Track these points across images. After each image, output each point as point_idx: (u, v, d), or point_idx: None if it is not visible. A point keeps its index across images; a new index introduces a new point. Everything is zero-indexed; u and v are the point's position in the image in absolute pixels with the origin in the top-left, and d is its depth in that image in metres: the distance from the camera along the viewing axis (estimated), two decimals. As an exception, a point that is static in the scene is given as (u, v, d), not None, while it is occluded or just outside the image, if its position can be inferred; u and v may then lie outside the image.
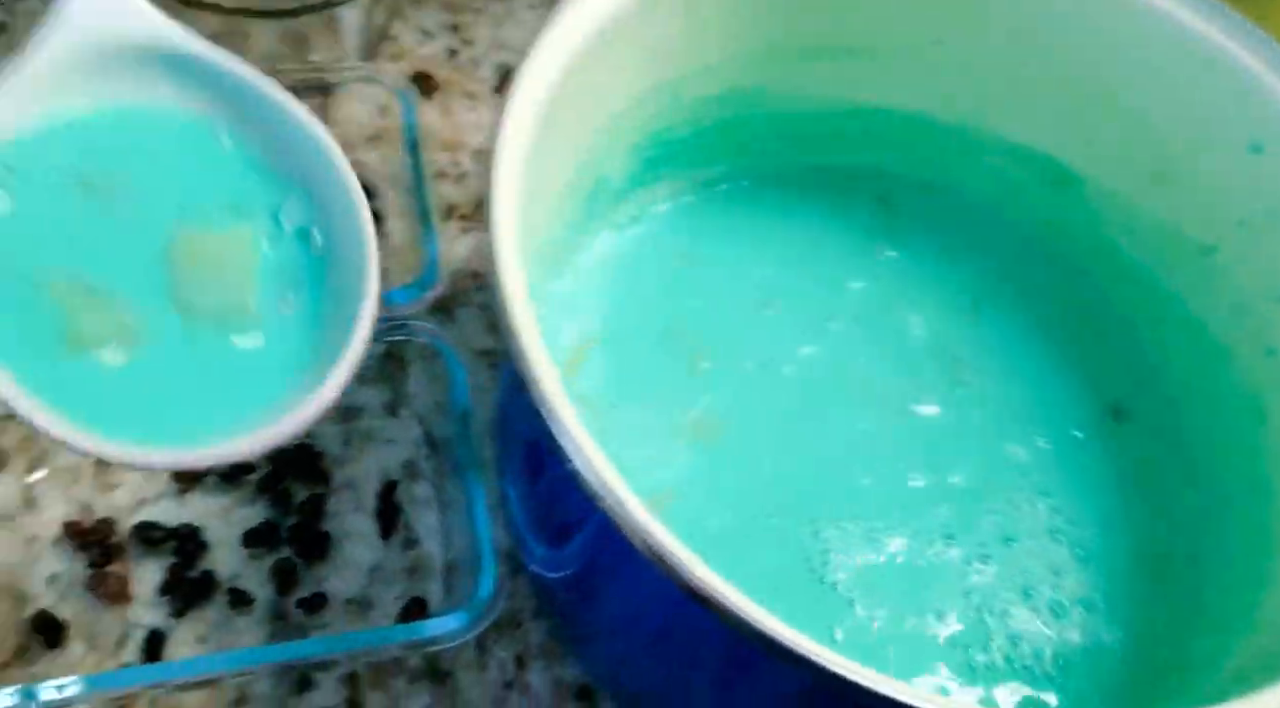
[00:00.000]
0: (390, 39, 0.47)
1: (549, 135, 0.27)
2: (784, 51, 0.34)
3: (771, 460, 0.31)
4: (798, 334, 0.35)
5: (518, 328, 0.22)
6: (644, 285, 0.35)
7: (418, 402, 0.39)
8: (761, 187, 0.38)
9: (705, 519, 0.31)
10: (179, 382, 0.23)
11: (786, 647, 0.19)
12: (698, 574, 0.20)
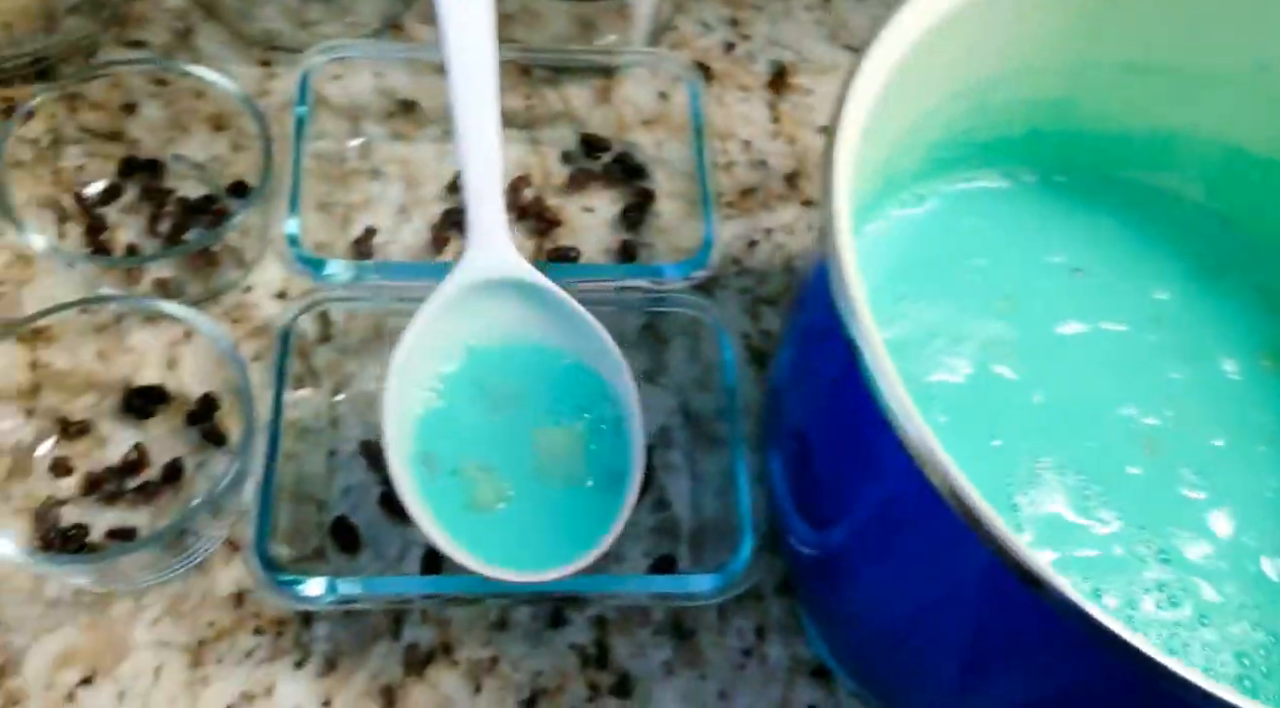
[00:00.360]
0: (672, 29, 0.49)
1: (873, 125, 0.28)
2: (1102, 64, 0.33)
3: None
4: (1098, 309, 0.34)
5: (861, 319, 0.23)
6: (928, 253, 0.35)
7: (676, 374, 0.40)
8: (1050, 193, 0.38)
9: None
10: (534, 529, 0.33)
11: (1135, 647, 0.19)
12: (1028, 555, 0.20)
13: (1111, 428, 0.33)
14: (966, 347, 0.33)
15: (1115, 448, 0.32)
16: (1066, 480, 0.31)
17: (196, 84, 0.42)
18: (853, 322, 0.24)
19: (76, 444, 0.36)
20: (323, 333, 0.38)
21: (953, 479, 0.22)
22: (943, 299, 0.34)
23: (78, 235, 0.40)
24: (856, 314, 0.23)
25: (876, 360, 0.23)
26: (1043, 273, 0.35)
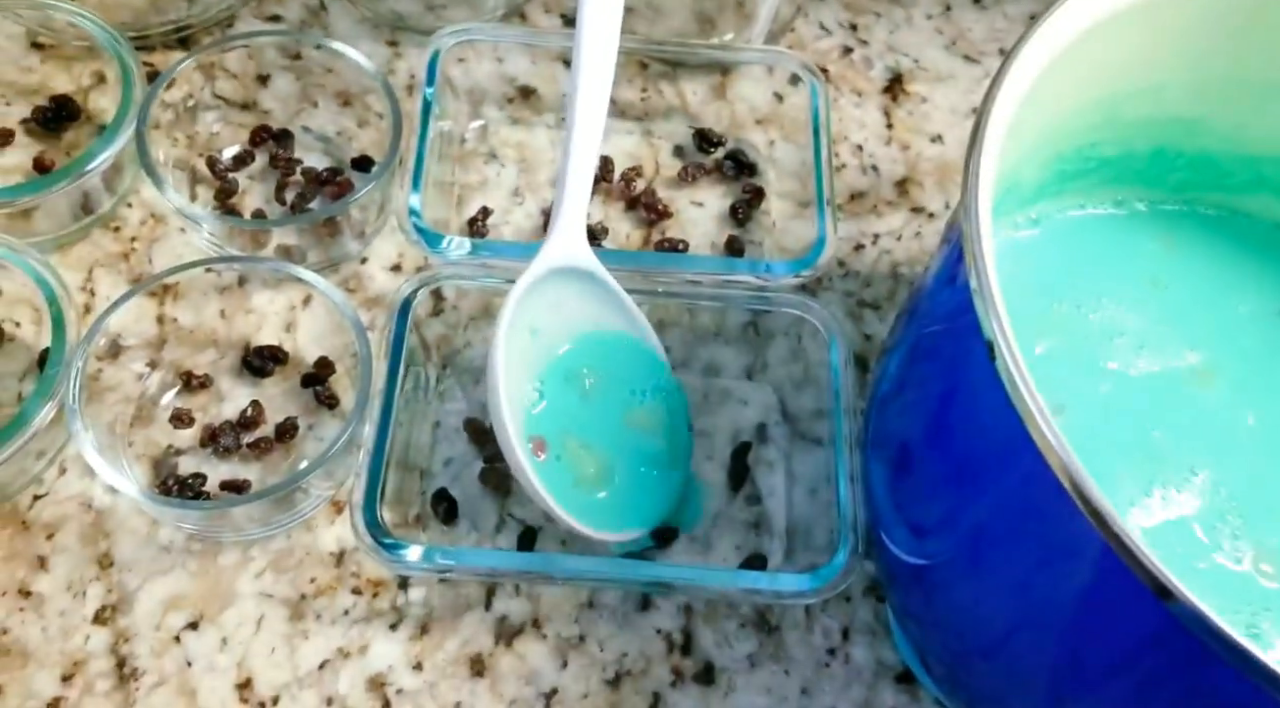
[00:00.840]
0: (790, 31, 0.50)
1: (1011, 134, 0.28)
2: (1241, 82, 0.33)
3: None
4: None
5: (1000, 317, 0.23)
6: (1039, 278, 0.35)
7: (775, 372, 0.40)
8: (1166, 217, 0.37)
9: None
10: (630, 501, 0.36)
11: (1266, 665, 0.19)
12: (1159, 567, 0.20)
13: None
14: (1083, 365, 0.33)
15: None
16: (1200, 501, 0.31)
17: (327, 60, 0.43)
18: (991, 320, 0.24)
19: (197, 397, 0.38)
20: (434, 307, 0.39)
21: (1082, 481, 0.22)
22: (1069, 319, 0.34)
23: (208, 198, 0.42)
24: (997, 312, 0.23)
25: (1013, 358, 0.23)
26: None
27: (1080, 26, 0.28)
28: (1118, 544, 0.21)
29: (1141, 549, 0.21)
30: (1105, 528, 0.21)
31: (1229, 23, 0.32)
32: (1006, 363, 0.23)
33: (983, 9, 0.51)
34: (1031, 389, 0.22)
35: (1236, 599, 0.30)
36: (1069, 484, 0.22)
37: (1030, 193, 0.35)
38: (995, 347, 0.23)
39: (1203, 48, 0.32)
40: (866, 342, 0.42)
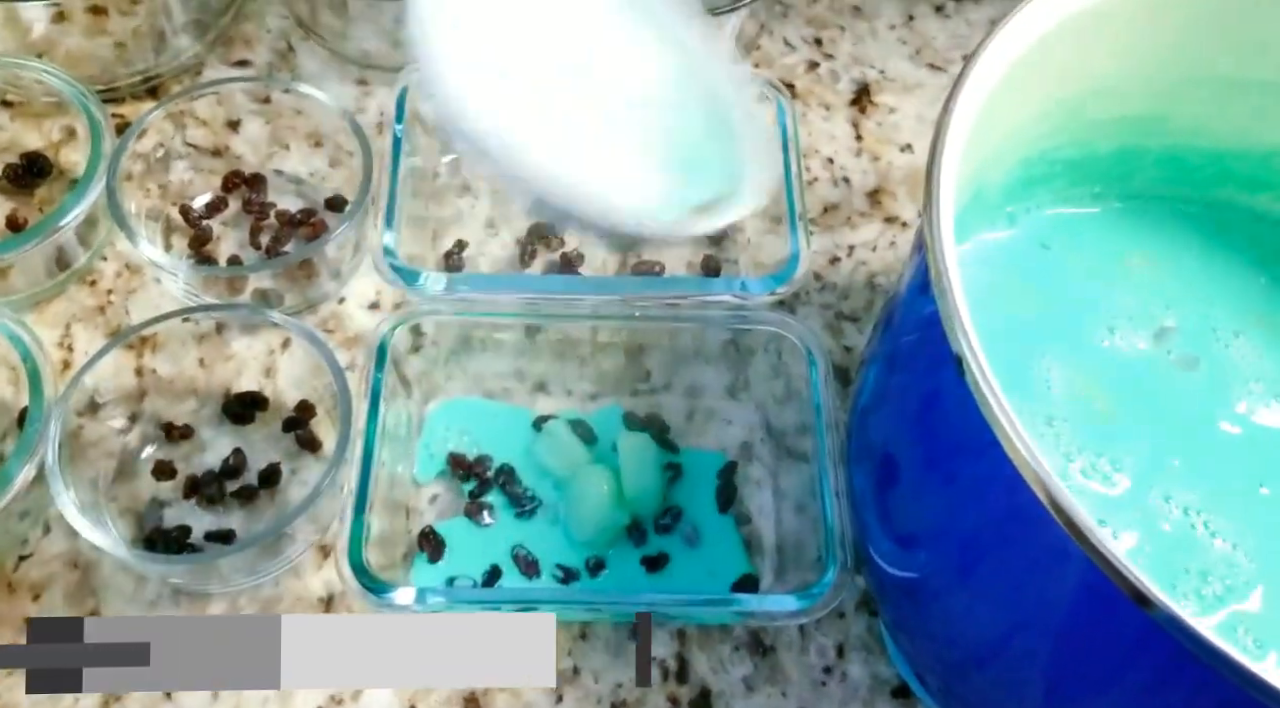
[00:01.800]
0: (755, 48, 0.50)
1: (973, 140, 0.28)
2: (1199, 80, 0.33)
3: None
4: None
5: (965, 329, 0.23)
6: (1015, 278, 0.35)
7: (758, 389, 0.40)
8: (1133, 214, 0.37)
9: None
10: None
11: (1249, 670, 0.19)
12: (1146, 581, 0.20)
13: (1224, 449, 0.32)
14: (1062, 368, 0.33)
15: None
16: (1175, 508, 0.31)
17: (296, 102, 0.43)
18: (958, 335, 0.24)
19: (179, 448, 0.38)
20: (414, 344, 0.38)
21: (1057, 494, 0.22)
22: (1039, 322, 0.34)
23: (183, 246, 0.42)
24: (963, 327, 0.23)
25: (981, 373, 0.23)
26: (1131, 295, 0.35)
27: (1036, 32, 0.29)
28: (1096, 556, 0.21)
29: (1119, 560, 0.21)
30: (1084, 541, 0.21)
31: (1186, 22, 0.32)
32: (976, 377, 0.23)
33: (945, 17, 0.51)
34: (1003, 403, 0.22)
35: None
36: (1046, 500, 0.22)
37: (997, 197, 0.35)
38: (964, 361, 0.23)
39: (1161, 48, 0.32)
40: (847, 354, 0.42)
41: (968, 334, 0.23)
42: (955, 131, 0.27)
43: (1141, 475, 0.31)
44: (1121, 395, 0.33)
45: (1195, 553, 0.30)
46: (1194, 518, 0.31)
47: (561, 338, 0.40)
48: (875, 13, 0.51)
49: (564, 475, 0.37)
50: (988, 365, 0.23)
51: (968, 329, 0.23)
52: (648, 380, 0.41)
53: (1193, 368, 0.34)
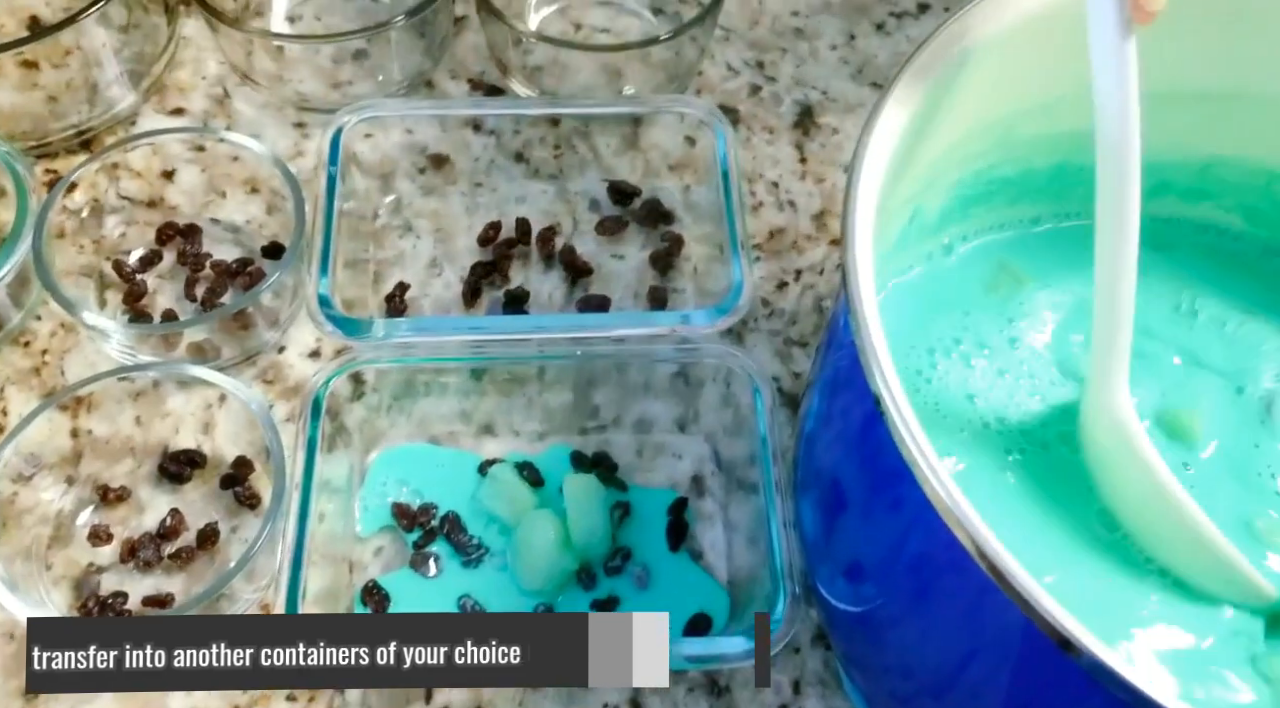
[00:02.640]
0: (698, 74, 0.49)
1: (895, 166, 0.27)
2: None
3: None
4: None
5: (881, 365, 0.23)
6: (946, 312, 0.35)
7: (707, 420, 0.40)
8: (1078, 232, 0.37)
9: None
10: None
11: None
12: (1063, 619, 0.20)
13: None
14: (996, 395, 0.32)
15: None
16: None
17: (231, 148, 0.43)
18: (875, 372, 0.23)
19: (115, 511, 0.37)
20: (355, 391, 0.38)
21: (978, 535, 0.21)
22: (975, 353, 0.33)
23: (117, 302, 0.41)
24: (879, 363, 0.23)
25: (899, 413, 0.22)
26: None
27: (957, 54, 0.28)
28: (1022, 603, 0.20)
29: (1045, 607, 0.20)
30: (1009, 588, 0.21)
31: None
32: (893, 417, 0.22)
33: (886, 34, 0.51)
34: (923, 447, 0.22)
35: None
36: (970, 546, 0.21)
37: (934, 221, 0.35)
38: (880, 400, 0.23)
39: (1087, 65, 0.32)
40: (796, 380, 0.41)
41: (884, 372, 0.23)
42: (874, 157, 0.26)
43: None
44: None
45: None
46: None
47: (508, 377, 0.39)
48: (816, 33, 0.51)
49: (510, 521, 0.36)
50: (905, 404, 0.22)
51: (884, 367, 0.23)
52: (596, 417, 0.40)
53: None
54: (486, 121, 0.46)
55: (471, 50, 0.50)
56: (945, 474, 0.22)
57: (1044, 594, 0.20)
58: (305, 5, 0.50)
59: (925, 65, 0.28)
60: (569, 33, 0.50)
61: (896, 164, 0.28)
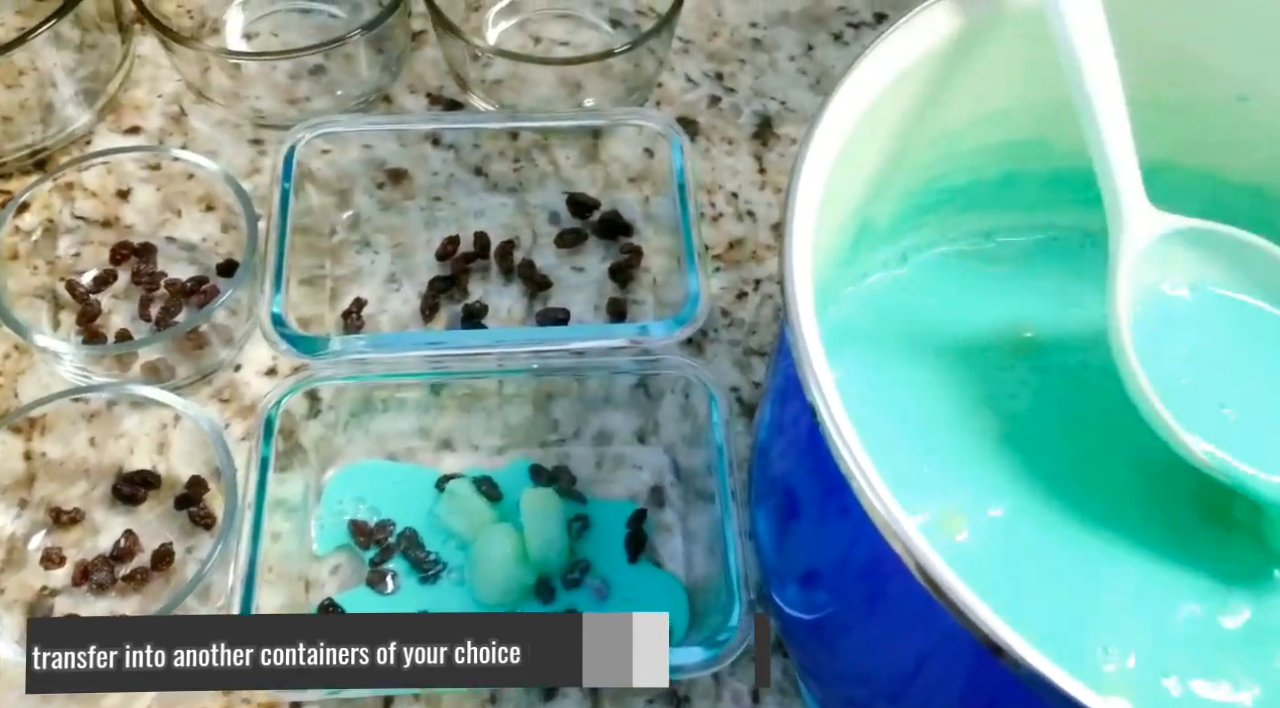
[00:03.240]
0: (658, 86, 0.50)
1: (838, 175, 0.28)
2: (1069, 103, 0.33)
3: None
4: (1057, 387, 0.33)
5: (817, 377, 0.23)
6: (901, 327, 0.35)
7: (667, 431, 0.40)
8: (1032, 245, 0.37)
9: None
10: None
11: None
12: (996, 627, 0.20)
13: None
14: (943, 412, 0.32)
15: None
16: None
17: (187, 167, 0.42)
18: (810, 382, 0.23)
19: (69, 533, 0.37)
20: (311, 409, 0.38)
21: (917, 550, 0.21)
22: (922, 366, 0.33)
23: (71, 323, 0.41)
24: (814, 372, 0.23)
25: (835, 423, 0.22)
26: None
27: (897, 66, 0.28)
28: (957, 613, 0.21)
29: (979, 615, 0.20)
30: (944, 598, 0.21)
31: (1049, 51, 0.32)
32: (828, 429, 0.22)
33: (844, 44, 0.51)
34: (859, 459, 0.22)
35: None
36: (906, 557, 0.21)
37: (886, 231, 0.35)
38: (816, 411, 0.23)
39: (1034, 73, 0.32)
40: (755, 390, 0.41)
41: (819, 383, 0.23)
42: (813, 169, 0.27)
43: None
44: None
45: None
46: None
47: (467, 392, 0.39)
48: (775, 45, 0.51)
49: (468, 536, 0.36)
50: (842, 416, 0.22)
51: (819, 378, 0.23)
52: (556, 430, 0.40)
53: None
54: (445, 136, 0.46)
55: (430, 65, 0.50)
56: (881, 485, 0.22)
57: (978, 603, 0.20)
58: (262, 22, 0.50)
59: (864, 78, 0.28)
60: (528, 46, 0.50)
61: (839, 175, 0.28)
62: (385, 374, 0.38)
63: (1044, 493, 0.31)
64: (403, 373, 0.38)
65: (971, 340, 0.34)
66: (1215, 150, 0.34)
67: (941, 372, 0.33)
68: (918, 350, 0.33)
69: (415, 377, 0.38)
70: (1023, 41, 0.31)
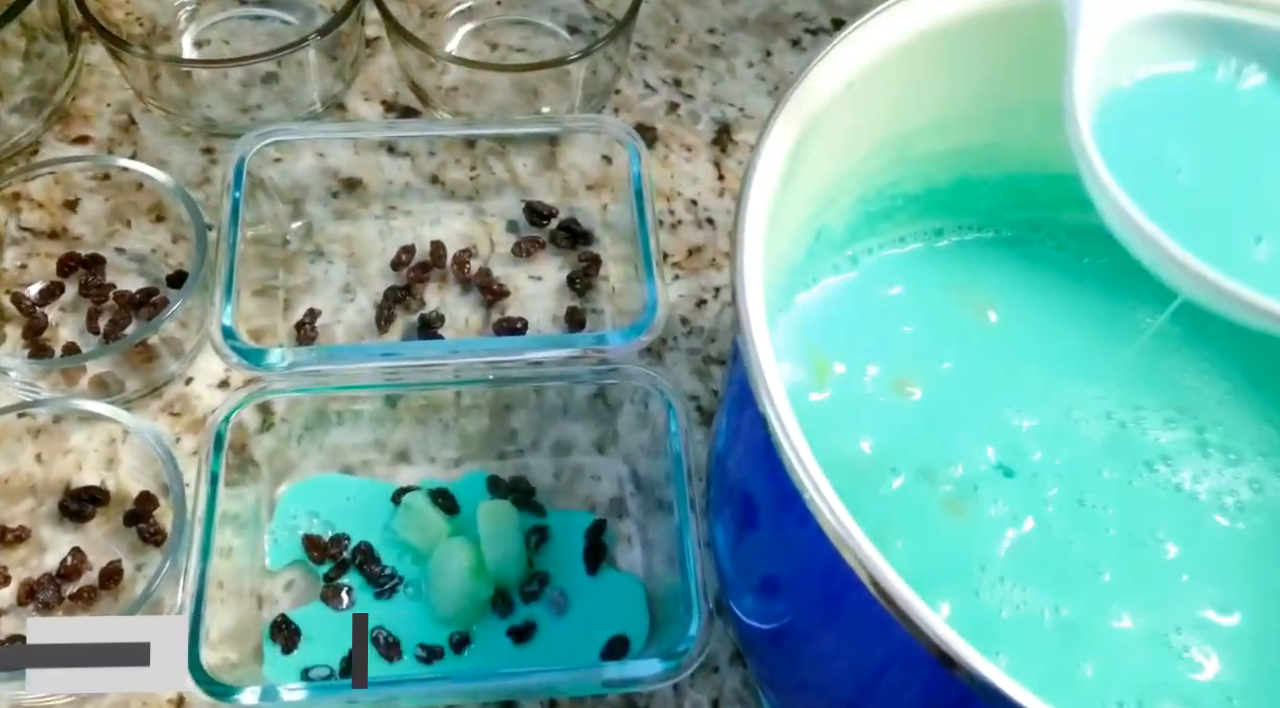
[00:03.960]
0: (615, 93, 0.49)
1: (789, 184, 0.28)
2: (1020, 109, 0.33)
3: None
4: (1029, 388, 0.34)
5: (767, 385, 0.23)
6: (857, 328, 0.35)
7: (626, 441, 0.40)
8: (987, 244, 0.37)
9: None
10: None
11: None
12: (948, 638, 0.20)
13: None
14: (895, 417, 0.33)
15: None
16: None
17: (136, 177, 0.42)
18: (762, 392, 0.23)
19: (14, 552, 0.36)
20: (263, 422, 0.37)
21: (865, 558, 0.21)
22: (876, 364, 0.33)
23: (17, 337, 0.40)
24: (765, 382, 0.23)
25: (787, 434, 0.22)
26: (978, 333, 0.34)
27: (844, 75, 0.28)
28: (908, 623, 0.20)
29: (930, 625, 0.20)
30: (896, 609, 0.21)
31: (1003, 55, 0.32)
32: (780, 439, 0.22)
33: (802, 50, 0.51)
34: (810, 470, 0.22)
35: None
36: (858, 568, 0.21)
37: (842, 236, 0.35)
38: (768, 421, 0.22)
39: (981, 80, 0.32)
40: (715, 398, 0.41)
41: (771, 393, 0.23)
42: (764, 178, 0.26)
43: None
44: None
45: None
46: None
47: (424, 403, 0.39)
48: (733, 51, 0.51)
49: (424, 550, 0.36)
50: (794, 426, 0.22)
51: (770, 388, 0.23)
52: (514, 441, 0.40)
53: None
54: (400, 144, 0.46)
55: (385, 72, 0.49)
56: (832, 496, 0.21)
57: (929, 613, 0.20)
58: (213, 29, 0.49)
59: (814, 86, 0.28)
60: (484, 52, 0.50)
61: (791, 185, 0.28)
62: (340, 387, 0.37)
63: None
64: (357, 385, 0.38)
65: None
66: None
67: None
68: (872, 349, 0.34)
69: (370, 388, 0.38)
70: (975, 49, 0.32)
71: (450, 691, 0.32)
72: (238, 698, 0.30)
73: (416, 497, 0.37)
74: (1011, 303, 0.36)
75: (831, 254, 0.36)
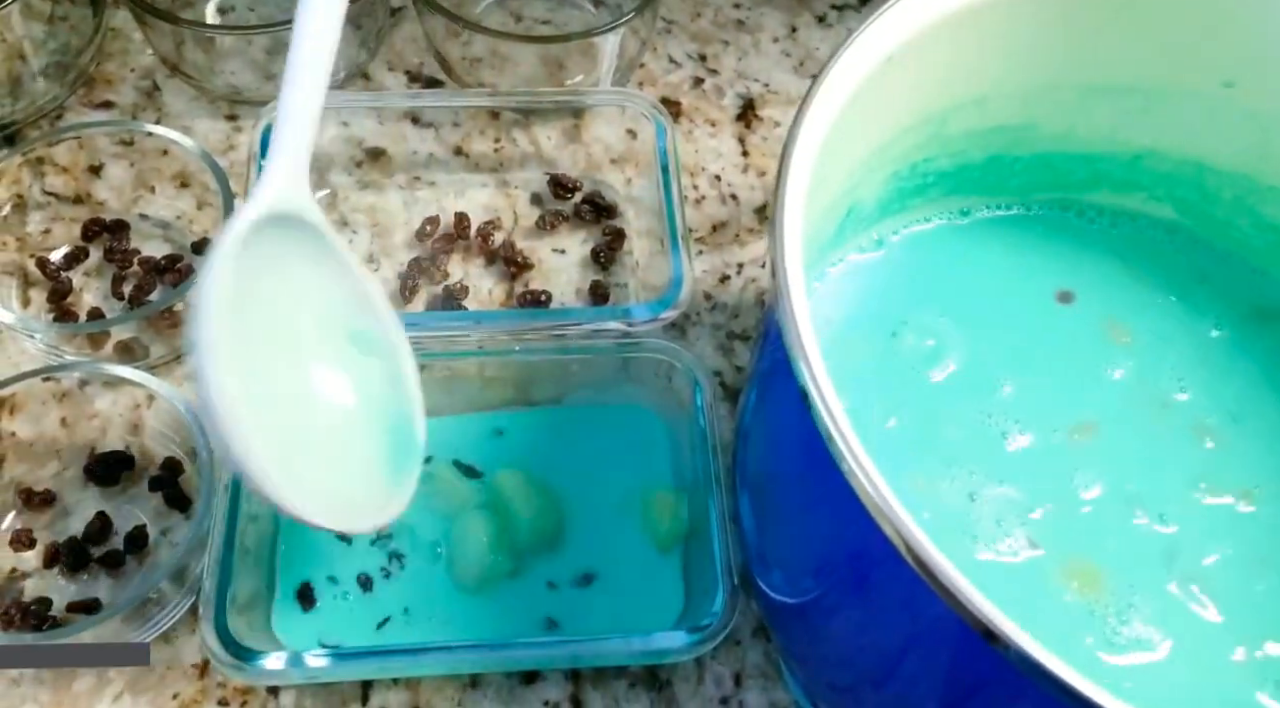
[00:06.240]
0: (640, 67, 0.49)
1: (826, 158, 0.27)
2: (1060, 87, 0.33)
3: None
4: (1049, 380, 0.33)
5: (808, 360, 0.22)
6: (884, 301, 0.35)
7: (649, 416, 0.40)
8: (1018, 221, 0.37)
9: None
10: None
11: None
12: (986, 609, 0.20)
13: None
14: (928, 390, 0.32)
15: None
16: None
17: (161, 142, 0.42)
18: (802, 367, 0.23)
19: (40, 515, 0.36)
20: (288, 390, 0.37)
21: (907, 532, 0.21)
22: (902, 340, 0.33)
23: (42, 301, 0.40)
24: (806, 357, 0.23)
25: (828, 408, 0.22)
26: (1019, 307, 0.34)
27: (884, 50, 0.28)
28: (949, 597, 0.20)
29: (971, 600, 0.20)
30: (936, 583, 0.21)
31: (1045, 30, 0.32)
32: (821, 413, 0.22)
33: (828, 26, 0.51)
34: (850, 443, 0.22)
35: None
36: (898, 541, 0.21)
37: (873, 213, 0.35)
38: (808, 396, 0.22)
39: (1021, 56, 0.32)
40: (739, 374, 0.41)
41: (812, 368, 0.23)
42: (802, 154, 0.26)
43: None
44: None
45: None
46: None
47: (447, 374, 0.39)
48: (758, 26, 0.51)
49: (448, 517, 0.36)
50: (834, 401, 0.22)
51: (812, 362, 0.23)
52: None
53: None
54: (424, 114, 0.46)
55: (409, 42, 0.49)
56: (873, 469, 0.21)
57: (970, 588, 0.20)
58: (238, -5, 0.49)
59: (851, 63, 0.28)
60: (509, 25, 0.50)
61: (827, 160, 0.28)
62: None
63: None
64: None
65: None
66: (1201, 137, 0.34)
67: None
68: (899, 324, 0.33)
69: (395, 358, 0.37)
70: (1017, 24, 0.31)
71: (473, 659, 0.32)
72: (262, 664, 0.30)
73: (440, 465, 0.37)
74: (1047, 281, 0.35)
75: (860, 230, 0.35)
